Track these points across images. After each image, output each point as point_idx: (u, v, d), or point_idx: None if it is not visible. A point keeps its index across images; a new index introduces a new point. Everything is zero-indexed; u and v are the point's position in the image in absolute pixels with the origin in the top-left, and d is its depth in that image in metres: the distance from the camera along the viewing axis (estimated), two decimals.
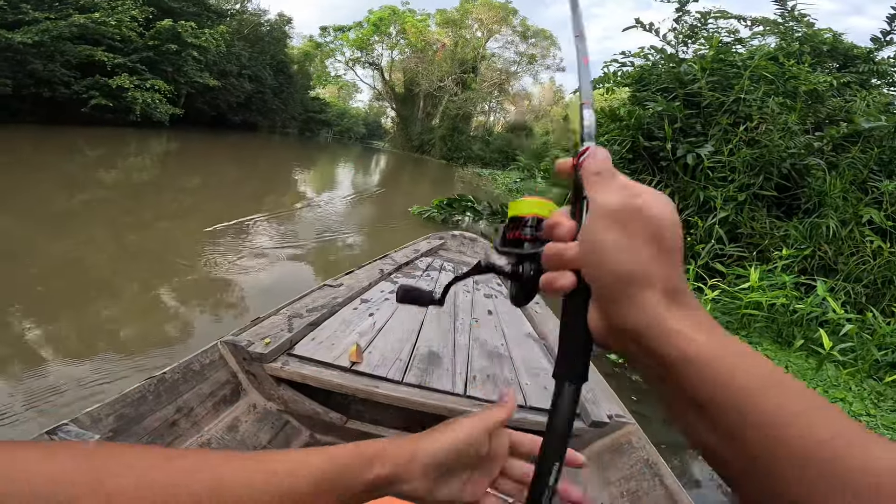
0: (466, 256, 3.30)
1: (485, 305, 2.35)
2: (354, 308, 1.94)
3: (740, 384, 0.26)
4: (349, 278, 2.24)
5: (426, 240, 3.36)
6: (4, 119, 12.57)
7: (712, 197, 5.14)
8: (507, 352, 1.83)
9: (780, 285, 3.95)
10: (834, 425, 0.24)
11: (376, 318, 1.86)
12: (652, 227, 0.29)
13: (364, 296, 2.09)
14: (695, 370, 0.27)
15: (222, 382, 1.41)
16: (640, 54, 6.30)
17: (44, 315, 2.65)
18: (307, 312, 1.72)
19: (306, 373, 1.41)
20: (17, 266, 3.22)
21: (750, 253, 4.81)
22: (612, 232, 0.30)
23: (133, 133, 14.48)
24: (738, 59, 5.76)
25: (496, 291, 2.63)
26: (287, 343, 1.50)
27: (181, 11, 17.09)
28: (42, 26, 12.15)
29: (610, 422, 1.42)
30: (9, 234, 3.88)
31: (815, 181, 5.11)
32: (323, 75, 32.84)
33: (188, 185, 8.36)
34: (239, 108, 23.16)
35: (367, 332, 1.72)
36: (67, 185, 6.39)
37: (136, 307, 3.01)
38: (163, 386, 1.22)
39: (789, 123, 5.15)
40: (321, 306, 1.81)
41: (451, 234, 3.53)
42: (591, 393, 1.53)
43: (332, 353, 1.51)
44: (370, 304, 2.01)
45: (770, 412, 0.25)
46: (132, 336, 2.64)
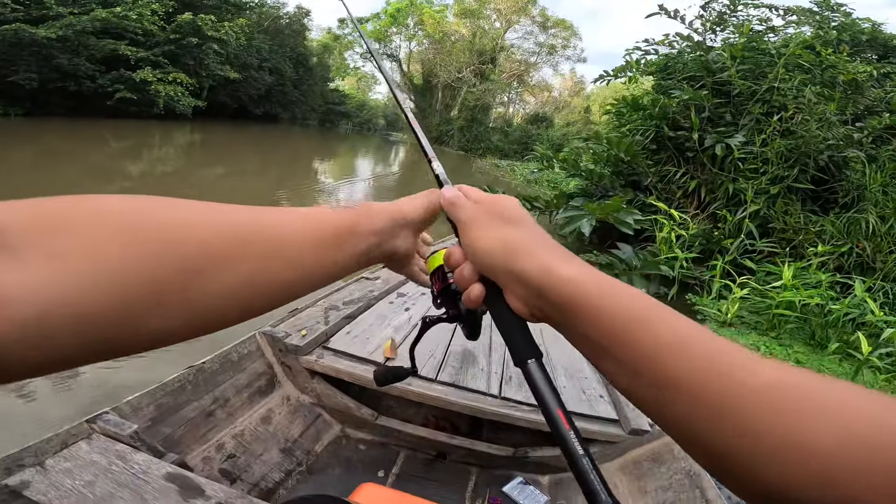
0: None
1: None
2: (391, 302, 1.90)
3: (626, 318, 0.30)
4: (386, 271, 2.18)
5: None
6: (32, 111, 12.96)
7: (742, 189, 4.90)
8: (544, 351, 1.77)
9: (814, 284, 3.73)
10: (712, 346, 0.28)
11: (412, 312, 1.83)
12: (496, 210, 0.38)
13: (401, 290, 2.05)
14: (589, 311, 0.31)
15: (258, 374, 1.41)
16: (665, 42, 6.02)
17: None
18: (343, 305, 1.71)
19: (340, 367, 1.39)
20: None
21: (782, 249, 4.57)
22: (476, 231, 0.38)
23: (157, 125, 14.76)
24: (770, 47, 5.45)
25: None
26: (323, 336, 1.49)
27: (201, 5, 17.26)
28: (65, 21, 12.42)
29: (651, 430, 1.36)
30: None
31: (854, 174, 4.82)
32: (342, 67, 32.87)
33: (213, 173, 8.45)
34: (260, 100, 23.37)
35: (402, 326, 1.68)
36: (100, 174, 6.51)
37: None
38: (202, 376, 1.23)
39: (827, 114, 4.85)
40: (358, 299, 1.79)
41: None
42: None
43: (366, 348, 1.48)
44: (406, 299, 1.97)
45: (653, 341, 0.28)
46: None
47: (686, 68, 5.73)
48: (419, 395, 1.34)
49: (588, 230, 4.95)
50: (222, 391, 1.27)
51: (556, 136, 21.92)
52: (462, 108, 26.37)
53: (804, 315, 3.59)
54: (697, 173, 5.38)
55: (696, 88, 5.42)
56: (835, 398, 0.24)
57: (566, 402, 1.18)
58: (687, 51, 5.97)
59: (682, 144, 5.45)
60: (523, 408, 1.34)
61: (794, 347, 3.50)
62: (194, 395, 1.20)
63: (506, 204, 0.39)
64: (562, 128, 25.78)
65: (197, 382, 1.22)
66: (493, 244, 0.36)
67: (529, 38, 28.85)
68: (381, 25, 28.51)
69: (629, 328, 0.29)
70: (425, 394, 1.34)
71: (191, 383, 1.20)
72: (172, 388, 1.16)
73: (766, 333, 3.66)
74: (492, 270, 0.37)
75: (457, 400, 1.34)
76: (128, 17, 13.53)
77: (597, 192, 5.88)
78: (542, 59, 29.22)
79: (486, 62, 26.85)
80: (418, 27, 28.23)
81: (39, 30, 11.89)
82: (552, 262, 0.34)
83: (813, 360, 3.37)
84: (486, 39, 27.28)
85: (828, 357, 3.37)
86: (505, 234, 0.37)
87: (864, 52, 6.08)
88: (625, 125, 6.31)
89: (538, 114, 28.75)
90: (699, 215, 5.25)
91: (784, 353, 3.38)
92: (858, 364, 3.02)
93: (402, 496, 0.87)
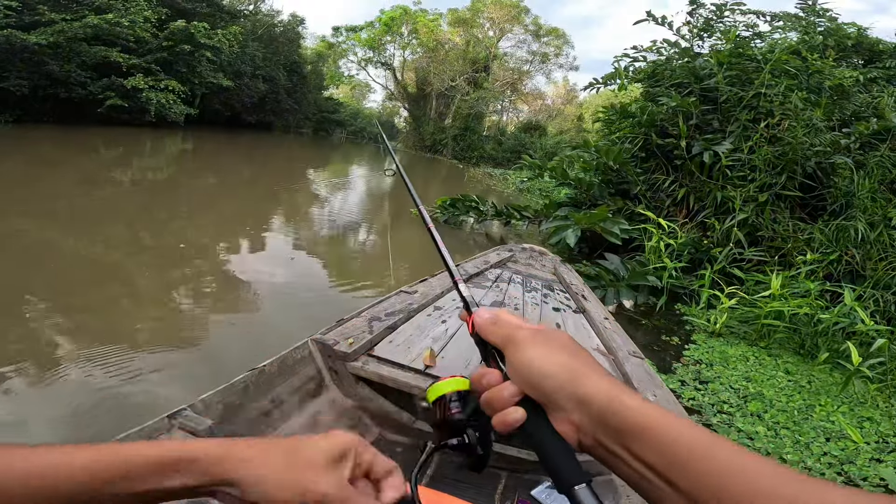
0: (535, 269, 3.31)
1: (553, 318, 2.36)
2: (428, 314, 2.01)
3: (689, 446, 0.32)
4: (423, 286, 2.33)
5: (495, 252, 3.45)
6: (23, 118, 12.83)
7: (731, 197, 4.87)
8: None
9: (803, 293, 3.68)
10: (776, 477, 0.29)
11: (448, 324, 1.92)
12: (552, 335, 0.40)
13: (437, 303, 2.17)
14: (653, 436, 0.33)
15: (309, 377, 1.50)
16: (653, 48, 6.03)
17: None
18: (385, 316, 1.82)
19: (384, 373, 1.47)
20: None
21: (771, 257, 4.53)
22: (534, 351, 0.38)
23: (149, 133, 14.66)
24: (757, 52, 5.46)
25: (564, 305, 2.64)
26: (368, 344, 1.58)
27: (194, 12, 17.26)
28: (57, 27, 12.35)
29: None
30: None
31: (842, 181, 4.80)
32: (336, 75, 32.91)
33: (204, 183, 8.35)
34: (253, 108, 23.32)
35: (440, 337, 1.78)
36: (89, 182, 6.41)
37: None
38: (262, 378, 1.31)
39: (814, 120, 4.84)
40: (398, 311, 1.90)
41: (520, 248, 3.59)
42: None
43: (407, 356, 1.57)
44: (443, 312, 2.07)
45: (716, 468, 0.31)
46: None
47: (674, 75, 5.73)
48: None
49: (573, 240, 4.88)
50: (278, 393, 1.35)
51: (549, 144, 21.99)
52: (456, 117, 26.45)
53: (793, 325, 3.54)
54: (686, 181, 5.36)
55: (683, 95, 5.42)
56: None
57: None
58: (675, 57, 5.98)
59: (670, 152, 5.43)
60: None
61: (783, 357, 3.44)
62: (255, 395, 1.28)
63: (560, 333, 0.41)
64: (555, 136, 25.89)
65: (258, 384, 1.30)
66: (556, 366, 0.37)
67: (522, 47, 29.08)
68: (375, 34, 28.64)
69: (693, 456, 0.31)
70: None
71: (253, 384, 1.28)
72: (238, 388, 1.23)
73: (756, 343, 3.60)
74: (550, 393, 0.37)
75: None
76: (120, 23, 13.47)
77: (586, 202, 5.84)
78: (534, 67, 29.41)
79: (480, 70, 26.99)
80: (412, 36, 28.39)
81: (31, 36, 11.81)
82: (618, 389, 0.36)
83: (803, 369, 3.31)
84: (480, 48, 27.46)
85: (817, 367, 3.31)
86: (565, 358, 0.38)
87: (850, 58, 6.11)
88: (614, 133, 6.29)
89: (531, 122, 28.89)
90: (688, 224, 5.22)
91: (773, 363, 3.32)
92: (849, 374, 2.96)
93: (439, 495, 0.91)
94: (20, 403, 2.03)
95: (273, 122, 26.09)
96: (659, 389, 1.71)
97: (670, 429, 0.33)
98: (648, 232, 4.85)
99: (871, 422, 2.75)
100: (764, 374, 3.10)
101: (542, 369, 0.37)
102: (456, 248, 6.07)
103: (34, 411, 2.02)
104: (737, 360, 3.26)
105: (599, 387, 0.36)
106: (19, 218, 4.38)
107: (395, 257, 5.66)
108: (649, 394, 1.61)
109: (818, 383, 3.11)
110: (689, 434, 0.32)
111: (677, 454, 0.32)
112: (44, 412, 2.01)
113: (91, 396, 2.09)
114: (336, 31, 30.08)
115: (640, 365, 1.92)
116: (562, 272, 3.16)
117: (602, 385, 0.36)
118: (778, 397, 2.80)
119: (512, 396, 0.38)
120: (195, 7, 17.63)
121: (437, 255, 0.55)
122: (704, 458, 0.31)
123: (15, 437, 1.77)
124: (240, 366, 1.36)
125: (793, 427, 2.52)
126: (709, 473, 0.30)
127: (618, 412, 0.34)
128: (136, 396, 2.13)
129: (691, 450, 0.32)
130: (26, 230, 4.11)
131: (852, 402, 2.92)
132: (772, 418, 2.57)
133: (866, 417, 2.78)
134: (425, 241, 5.82)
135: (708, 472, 0.30)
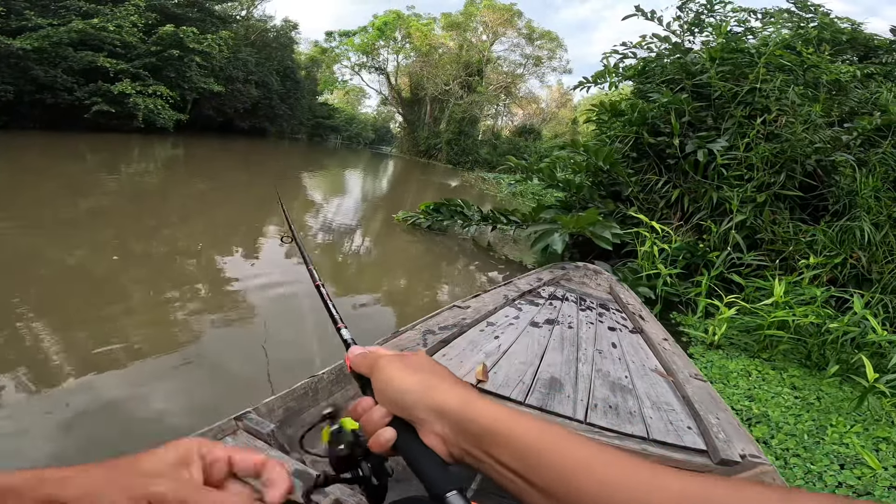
0: (589, 288, 3.24)
1: (609, 338, 2.27)
2: (481, 330, 2.00)
3: (538, 445, 0.34)
4: (476, 301, 2.33)
5: (549, 269, 3.40)
6: (9, 124, 12.57)
7: (727, 198, 4.61)
8: (630, 384, 1.77)
9: (808, 300, 3.41)
10: (616, 468, 0.31)
11: (501, 340, 1.91)
12: (410, 358, 0.45)
13: (490, 319, 2.16)
14: (505, 439, 0.35)
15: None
16: (642, 43, 5.79)
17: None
18: (439, 330, 1.83)
19: None
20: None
21: (772, 262, 4.26)
22: (392, 372, 0.42)
23: (138, 139, 14.39)
24: (750, 47, 5.23)
25: (620, 325, 2.54)
26: None
27: (185, 17, 17.06)
28: (43, 32, 12.13)
29: (742, 461, 1.30)
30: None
31: (844, 179, 4.55)
32: (330, 81, 32.74)
33: (193, 189, 8.08)
34: (246, 114, 23.11)
35: (492, 353, 1.77)
36: (76, 189, 6.13)
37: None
38: (320, 385, 1.35)
39: (812, 115, 4.60)
40: (451, 325, 1.91)
41: (573, 265, 3.50)
42: (720, 429, 1.43)
43: (460, 371, 1.56)
44: (496, 328, 2.06)
45: (565, 464, 0.32)
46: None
47: (665, 71, 5.49)
48: None
49: (561, 246, 4.56)
50: (334, 400, 1.38)
51: (544, 147, 21.80)
52: (450, 121, 26.28)
53: (799, 336, 3.26)
54: (680, 182, 5.10)
55: (675, 92, 5.17)
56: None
57: (652, 432, 1.40)
58: (665, 54, 5.75)
59: (662, 151, 5.18)
60: (608, 434, 1.38)
61: (788, 371, 3.16)
62: (313, 401, 1.31)
63: (419, 356, 0.46)
64: (550, 140, 25.71)
65: (316, 390, 1.33)
66: (411, 382, 0.41)
67: (516, 50, 29.01)
68: (368, 38, 28.54)
69: (543, 454, 0.34)
70: None
71: (311, 390, 1.31)
72: (298, 394, 1.26)
73: (758, 355, 3.32)
74: (410, 408, 0.40)
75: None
76: (106, 28, 13.25)
77: (576, 205, 5.56)
78: (528, 70, 29.33)
79: (473, 74, 26.86)
80: (406, 40, 28.29)
81: (16, 41, 11.58)
82: (470, 395, 0.39)
83: (810, 383, 3.04)
84: (473, 51, 27.37)
85: (826, 381, 3.04)
86: (421, 375, 0.42)
87: (846, 53, 5.90)
88: (605, 133, 6.04)
89: (526, 126, 28.74)
90: (683, 227, 4.95)
91: (778, 378, 3.05)
92: (863, 391, 2.68)
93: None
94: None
95: (267, 128, 25.88)
96: (722, 413, 1.60)
97: (519, 429, 0.35)
98: (641, 236, 4.58)
99: (887, 443, 2.47)
100: (768, 391, 2.82)
101: (400, 386, 0.41)
102: (442, 256, 5.80)
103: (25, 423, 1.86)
104: (738, 375, 2.98)
105: (452, 394, 0.39)
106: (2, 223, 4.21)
107: (380, 269, 5.40)
108: (712, 417, 1.50)
109: (828, 399, 2.83)
110: (538, 433, 0.35)
111: (529, 454, 0.34)
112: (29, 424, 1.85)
113: (88, 406, 1.97)
114: (329, 36, 30.01)
115: (704, 388, 1.81)
116: (618, 291, 3.06)
117: (454, 392, 0.39)
118: (785, 418, 2.52)
119: (382, 418, 0.42)
120: (186, 12, 17.45)
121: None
122: (553, 456, 0.33)
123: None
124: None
125: (803, 454, 2.24)
126: (560, 470, 0.32)
127: (472, 418, 0.37)
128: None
129: (540, 449, 0.34)
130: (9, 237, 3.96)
131: (867, 421, 2.64)
132: (780, 444, 2.29)
133: (882, 438, 2.50)
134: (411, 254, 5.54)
135: (559, 468, 0.32)
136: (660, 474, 0.30)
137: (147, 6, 14.89)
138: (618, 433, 1.39)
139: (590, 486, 0.30)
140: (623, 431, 1.39)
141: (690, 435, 1.43)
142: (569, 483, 0.31)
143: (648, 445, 1.36)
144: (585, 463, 0.31)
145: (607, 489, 0.30)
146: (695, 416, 1.54)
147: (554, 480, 0.32)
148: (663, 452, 1.34)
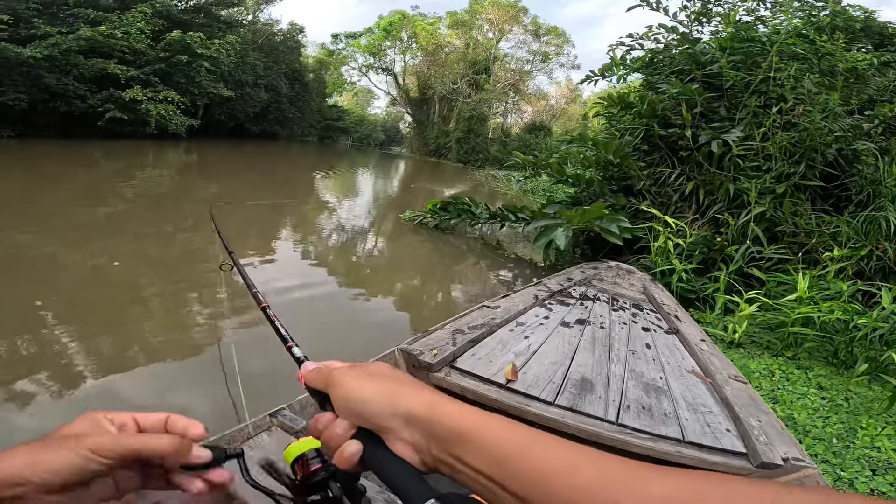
0: (622, 288, 3.17)
1: (643, 339, 2.23)
2: (510, 330, 1.99)
3: (508, 448, 0.33)
4: (506, 301, 2.30)
5: (580, 269, 3.34)
6: (25, 133, 12.80)
7: (745, 189, 4.43)
8: (665, 385, 1.73)
9: (833, 294, 3.24)
10: (596, 473, 0.30)
11: (531, 340, 1.91)
12: (370, 368, 0.42)
13: (520, 319, 2.15)
14: (474, 442, 0.33)
15: None
16: (649, 34, 5.62)
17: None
18: (468, 329, 1.82)
19: (466, 385, 1.47)
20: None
21: (794, 255, 4.08)
22: (352, 383, 0.40)
23: (151, 145, 14.58)
24: (761, 35, 5.05)
25: (655, 325, 2.48)
26: (451, 356, 1.59)
27: (191, 23, 17.22)
28: (52, 40, 12.31)
29: (784, 465, 1.26)
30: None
31: (867, 168, 4.36)
32: (338, 82, 32.86)
33: (206, 193, 8.12)
34: (256, 117, 23.29)
35: (522, 353, 1.76)
36: (92, 197, 6.19)
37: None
38: None
39: (830, 104, 4.41)
40: (481, 325, 1.89)
41: (605, 265, 3.44)
42: (762, 432, 1.38)
43: (489, 370, 1.56)
44: (525, 328, 2.05)
45: (537, 467, 0.31)
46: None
47: (673, 62, 5.31)
48: (536, 415, 1.38)
49: (564, 242, 4.40)
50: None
51: (554, 144, 21.56)
52: (459, 120, 26.17)
53: (824, 333, 3.10)
54: (694, 174, 4.93)
55: (685, 82, 5.00)
56: None
57: (687, 434, 1.36)
58: (673, 44, 5.58)
59: (674, 143, 5.01)
60: (640, 435, 1.35)
61: (814, 370, 3.00)
62: None
63: (379, 365, 0.43)
64: (560, 136, 25.43)
65: None
66: (374, 391, 0.38)
67: (523, 47, 28.78)
68: (374, 39, 28.57)
69: (513, 457, 0.32)
70: (542, 415, 1.38)
71: None
72: None
73: (782, 354, 3.17)
74: (374, 416, 0.38)
75: (573, 423, 1.36)
76: (114, 35, 13.42)
77: (587, 200, 5.41)
78: (536, 66, 29.06)
79: (481, 72, 26.70)
80: (412, 40, 28.25)
81: (25, 49, 11.78)
82: (437, 398, 0.37)
83: (838, 383, 2.88)
84: (480, 49, 27.21)
85: (854, 380, 2.88)
86: (384, 383, 0.39)
87: (860, 41, 5.67)
88: (615, 126, 5.88)
89: (536, 123, 28.48)
90: (698, 220, 4.78)
91: (803, 377, 2.90)
92: (894, 390, 2.53)
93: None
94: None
95: (278, 131, 26.06)
96: (764, 415, 1.53)
97: (489, 432, 0.34)
98: (654, 231, 4.44)
99: None
100: (794, 392, 2.68)
101: (360, 395, 0.38)
102: (450, 255, 5.71)
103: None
104: (760, 375, 2.84)
105: (419, 398, 0.37)
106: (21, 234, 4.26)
107: (384, 270, 5.34)
108: (753, 420, 1.44)
109: (857, 400, 2.68)
110: (507, 435, 0.33)
111: (498, 457, 0.32)
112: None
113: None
114: (335, 39, 30.14)
115: (744, 389, 1.74)
116: (651, 291, 2.99)
117: (421, 397, 0.37)
118: (812, 421, 2.38)
119: (345, 431, 0.39)
120: (192, 18, 17.64)
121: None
122: (524, 459, 0.31)
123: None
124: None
125: (833, 460, 2.10)
126: (532, 473, 0.31)
127: (440, 422, 0.35)
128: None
129: (510, 452, 0.32)
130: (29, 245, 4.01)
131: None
132: (808, 450, 2.15)
133: None
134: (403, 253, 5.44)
135: (531, 471, 0.31)
136: (642, 476, 0.28)
137: (154, 13, 15.05)
138: (651, 435, 1.35)
139: (561, 491, 0.29)
140: (656, 433, 1.35)
141: (729, 437, 1.39)
142: (541, 488, 0.30)
143: (683, 448, 1.32)
144: (559, 466, 0.30)
145: (580, 494, 0.28)
146: (734, 419, 1.49)
147: (527, 485, 0.30)
148: (699, 455, 1.30)
